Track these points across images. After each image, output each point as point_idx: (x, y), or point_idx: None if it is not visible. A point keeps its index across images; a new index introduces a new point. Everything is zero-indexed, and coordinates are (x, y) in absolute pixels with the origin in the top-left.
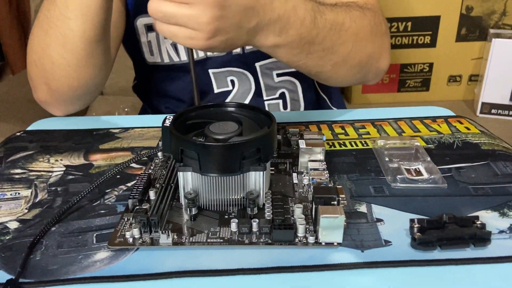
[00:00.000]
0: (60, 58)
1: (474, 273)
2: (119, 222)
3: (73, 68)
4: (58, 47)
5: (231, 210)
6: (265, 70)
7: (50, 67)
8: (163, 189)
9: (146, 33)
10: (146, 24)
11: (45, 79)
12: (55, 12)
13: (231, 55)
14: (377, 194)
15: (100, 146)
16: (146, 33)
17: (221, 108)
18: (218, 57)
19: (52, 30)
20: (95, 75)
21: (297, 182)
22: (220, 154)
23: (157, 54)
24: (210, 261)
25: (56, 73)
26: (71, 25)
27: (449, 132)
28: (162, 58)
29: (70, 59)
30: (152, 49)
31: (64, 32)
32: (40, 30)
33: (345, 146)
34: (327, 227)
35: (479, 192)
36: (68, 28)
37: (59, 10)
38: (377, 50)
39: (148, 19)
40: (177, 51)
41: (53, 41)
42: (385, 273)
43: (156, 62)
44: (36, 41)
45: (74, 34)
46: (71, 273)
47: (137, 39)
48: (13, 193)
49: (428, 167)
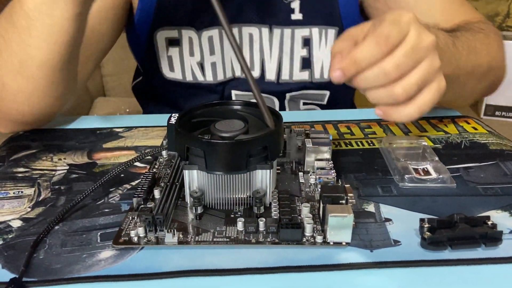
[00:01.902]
0: (12, 83)
1: (485, 273)
2: (124, 221)
3: (26, 96)
4: (12, 72)
5: (237, 209)
6: (294, 98)
7: (0, 89)
8: (168, 187)
9: (167, 47)
10: (168, 38)
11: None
12: (13, 35)
13: (264, 81)
14: (385, 194)
15: (103, 145)
16: (167, 47)
17: (226, 106)
18: (244, 80)
19: (7, 54)
20: (51, 104)
21: (303, 181)
22: (227, 151)
23: (179, 71)
24: (216, 260)
25: (5, 96)
26: (31, 53)
27: (456, 132)
28: (185, 76)
29: (24, 86)
30: (173, 65)
31: (22, 58)
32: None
33: (351, 145)
34: (336, 226)
35: (488, 192)
36: (27, 55)
37: (18, 35)
38: (501, 64)
39: (170, 32)
40: (203, 71)
41: (7, 65)
42: (395, 273)
43: (175, 79)
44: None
45: (33, 62)
46: (75, 272)
47: (154, 52)
48: (16, 191)
49: (437, 167)
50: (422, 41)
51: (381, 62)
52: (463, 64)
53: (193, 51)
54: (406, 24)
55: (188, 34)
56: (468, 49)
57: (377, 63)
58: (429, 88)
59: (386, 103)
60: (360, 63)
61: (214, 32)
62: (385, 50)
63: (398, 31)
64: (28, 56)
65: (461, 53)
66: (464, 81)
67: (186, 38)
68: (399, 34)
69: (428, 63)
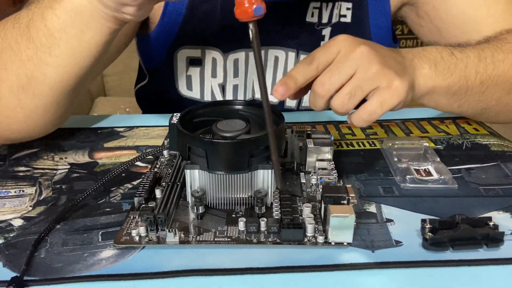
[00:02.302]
0: (12, 97)
1: (487, 274)
2: (125, 220)
3: (25, 112)
4: (15, 86)
5: (239, 209)
6: None
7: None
8: (169, 187)
9: (187, 67)
10: (189, 57)
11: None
12: (27, 50)
13: (283, 107)
14: (387, 194)
15: (104, 145)
16: (187, 66)
17: (228, 106)
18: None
19: (14, 66)
20: (49, 123)
21: (304, 181)
22: (229, 151)
23: (197, 91)
24: (217, 260)
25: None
26: (46, 71)
27: (458, 133)
28: (203, 95)
29: (26, 103)
30: (191, 84)
31: (33, 74)
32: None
33: (352, 146)
34: (337, 226)
35: (490, 193)
36: (41, 73)
37: (34, 51)
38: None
39: (193, 51)
40: (223, 92)
41: (10, 78)
42: (397, 273)
43: (192, 97)
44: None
45: (46, 80)
46: (77, 271)
47: (172, 70)
48: (17, 190)
49: (438, 168)
50: (347, 55)
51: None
52: (471, 74)
53: (215, 72)
54: (333, 45)
55: (212, 55)
56: (484, 58)
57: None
58: (371, 98)
59: (347, 106)
60: (297, 79)
61: (241, 54)
62: (313, 68)
63: (323, 52)
64: (41, 74)
65: (466, 63)
66: (482, 92)
67: (210, 58)
68: (324, 54)
69: (358, 74)
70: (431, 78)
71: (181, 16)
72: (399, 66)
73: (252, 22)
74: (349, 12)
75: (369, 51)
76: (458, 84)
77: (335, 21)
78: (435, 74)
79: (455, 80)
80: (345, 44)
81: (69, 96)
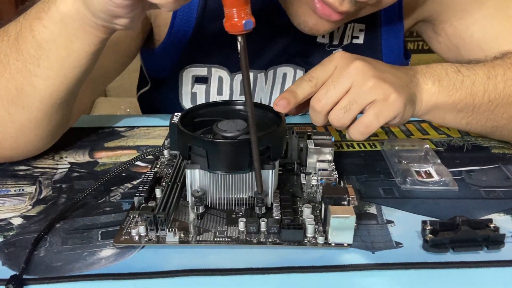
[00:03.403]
0: (3, 112)
1: (487, 276)
2: (125, 220)
3: (16, 126)
4: (5, 100)
5: (239, 209)
6: None
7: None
8: (169, 187)
9: (192, 84)
10: (195, 76)
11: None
12: (16, 62)
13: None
14: (387, 196)
15: (105, 144)
16: (192, 84)
17: (229, 106)
18: None
19: (3, 78)
20: (41, 139)
21: (305, 182)
22: (229, 151)
23: None
24: (217, 260)
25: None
26: (36, 83)
27: (459, 135)
28: None
29: (17, 117)
30: (196, 100)
31: (23, 87)
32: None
33: (353, 147)
34: (338, 227)
35: (491, 195)
36: (30, 85)
37: (23, 63)
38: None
39: (199, 70)
40: None
41: (0, 92)
42: (397, 274)
43: None
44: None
45: (35, 93)
46: (76, 270)
47: (177, 87)
48: (17, 189)
49: (439, 169)
50: (342, 70)
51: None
52: (478, 91)
53: (221, 90)
54: (330, 61)
55: (219, 73)
56: (494, 76)
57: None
58: (368, 111)
59: (342, 121)
60: (296, 94)
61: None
62: (312, 84)
63: (320, 69)
64: (30, 86)
65: (473, 80)
66: (491, 110)
67: (216, 76)
68: (322, 71)
69: (353, 88)
70: (434, 94)
71: (188, 34)
72: (398, 81)
73: (241, 35)
74: (362, 34)
75: (364, 66)
76: (464, 101)
77: (347, 43)
78: (439, 90)
79: (461, 97)
80: (341, 60)
81: (60, 109)
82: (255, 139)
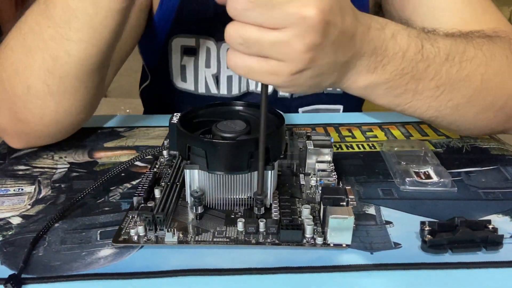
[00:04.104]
0: (40, 84)
1: (486, 277)
2: (124, 220)
3: (55, 98)
4: (42, 71)
5: (238, 210)
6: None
7: (23, 93)
8: (168, 187)
9: (181, 56)
10: (184, 46)
11: (12, 104)
12: (48, 29)
13: (276, 97)
14: (386, 197)
15: (104, 144)
16: (181, 55)
17: (229, 107)
18: (258, 95)
19: (38, 49)
20: (80, 109)
21: (304, 183)
22: (228, 151)
23: (191, 82)
24: (215, 260)
25: (29, 102)
26: (69, 48)
27: (458, 136)
28: (197, 87)
29: (54, 88)
30: (185, 75)
31: (57, 55)
32: (18, 45)
33: (352, 148)
34: (336, 228)
35: (489, 196)
36: (64, 51)
37: (55, 28)
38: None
39: (187, 40)
40: (217, 84)
41: (37, 63)
42: (395, 275)
43: (187, 89)
44: (10, 56)
45: (70, 59)
46: (74, 270)
47: (167, 59)
48: (16, 189)
49: (438, 171)
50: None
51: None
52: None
53: (209, 63)
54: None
55: (207, 44)
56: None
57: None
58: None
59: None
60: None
61: None
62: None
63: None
64: (64, 52)
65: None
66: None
67: (204, 48)
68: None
69: (285, 35)
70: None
71: (176, 2)
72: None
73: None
74: None
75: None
76: (405, 87)
77: None
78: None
79: (403, 82)
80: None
81: (94, 77)
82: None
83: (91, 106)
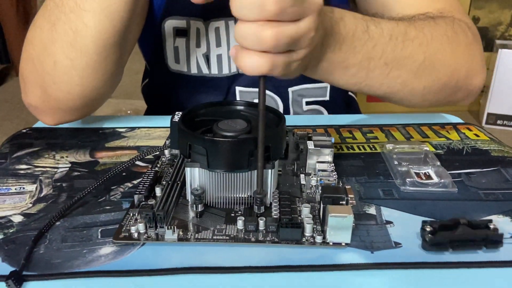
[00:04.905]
0: (65, 59)
1: (486, 276)
2: (125, 217)
3: (78, 73)
4: (65, 44)
5: (238, 208)
6: (297, 96)
7: (51, 68)
8: (169, 186)
9: (174, 37)
10: (176, 28)
11: (42, 81)
12: (68, 2)
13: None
14: (386, 197)
15: (106, 144)
16: (174, 37)
17: (230, 106)
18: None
19: (61, 23)
20: (102, 84)
21: (304, 183)
22: (229, 150)
23: (184, 63)
24: (215, 258)
25: (56, 76)
26: (86, 20)
27: (458, 138)
28: (190, 68)
29: (77, 62)
30: (178, 56)
31: (77, 27)
32: (45, 21)
33: (353, 149)
34: (336, 226)
35: (490, 197)
36: (82, 23)
37: (74, 0)
38: (463, 62)
39: (179, 22)
40: (208, 63)
41: (60, 36)
42: (395, 274)
43: (181, 71)
44: (38, 34)
45: (88, 32)
46: (75, 267)
47: (161, 42)
48: (17, 187)
49: (438, 171)
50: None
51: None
52: (376, 54)
53: (199, 43)
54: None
55: (196, 25)
56: (390, 35)
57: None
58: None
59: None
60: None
61: (221, 23)
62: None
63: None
64: (83, 25)
65: (375, 42)
66: (385, 73)
67: (194, 29)
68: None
69: (308, 22)
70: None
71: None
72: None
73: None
74: None
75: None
76: (358, 65)
77: None
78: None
79: (356, 61)
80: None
81: (113, 52)
82: (262, 139)
83: (112, 82)
